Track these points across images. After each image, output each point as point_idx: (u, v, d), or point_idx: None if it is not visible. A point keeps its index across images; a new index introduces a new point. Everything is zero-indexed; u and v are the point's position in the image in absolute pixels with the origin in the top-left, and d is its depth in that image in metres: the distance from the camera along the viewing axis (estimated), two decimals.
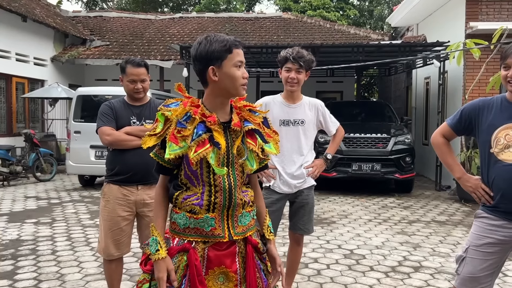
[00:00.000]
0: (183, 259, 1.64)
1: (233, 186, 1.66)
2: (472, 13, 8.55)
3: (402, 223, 6.12)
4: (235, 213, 1.68)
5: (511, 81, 2.16)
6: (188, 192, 1.68)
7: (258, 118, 1.75)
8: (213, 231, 1.65)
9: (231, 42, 1.65)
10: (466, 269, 2.26)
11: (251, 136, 1.71)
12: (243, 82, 1.68)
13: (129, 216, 2.97)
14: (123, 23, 15.68)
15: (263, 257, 1.79)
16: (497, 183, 2.19)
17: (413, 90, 12.61)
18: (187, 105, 1.66)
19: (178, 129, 1.62)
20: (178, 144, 1.61)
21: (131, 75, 2.93)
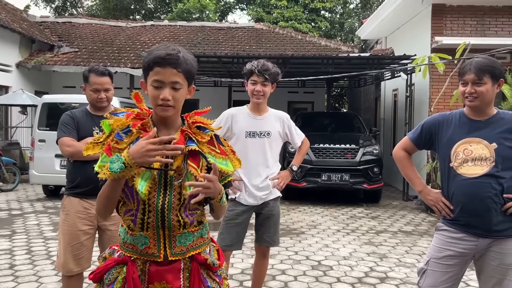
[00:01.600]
0: (122, 271, 1.60)
1: (166, 208, 1.58)
2: (437, 28, 8.83)
3: (370, 234, 6.19)
4: (172, 233, 1.61)
5: (468, 97, 2.22)
6: (125, 207, 1.63)
7: (206, 135, 1.64)
8: (147, 249, 1.60)
9: (153, 59, 1.54)
10: (427, 282, 2.29)
11: (194, 157, 1.59)
12: (160, 103, 1.54)
13: (90, 230, 2.88)
14: (92, 29, 15.42)
15: (216, 274, 1.71)
16: (457, 197, 2.24)
17: (382, 102, 12.88)
18: (130, 117, 1.59)
19: (115, 140, 1.56)
20: (111, 156, 1.52)
21: (94, 84, 2.86)
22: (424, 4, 8.96)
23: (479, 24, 8.86)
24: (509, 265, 2.19)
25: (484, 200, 2.16)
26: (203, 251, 1.69)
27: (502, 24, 8.85)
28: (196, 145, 1.59)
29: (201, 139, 1.63)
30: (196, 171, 1.56)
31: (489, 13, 8.83)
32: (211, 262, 1.68)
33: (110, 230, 2.91)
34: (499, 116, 2.25)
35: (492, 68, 2.20)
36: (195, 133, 1.63)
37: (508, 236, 2.19)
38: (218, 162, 1.63)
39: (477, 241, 2.21)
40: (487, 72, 2.18)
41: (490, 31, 8.83)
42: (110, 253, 1.70)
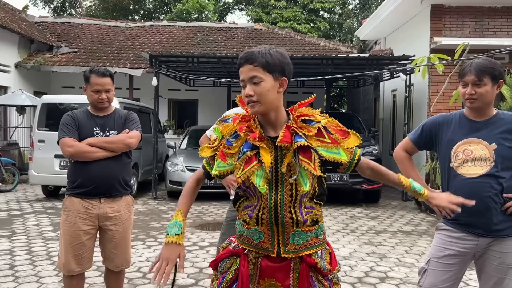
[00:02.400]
0: (235, 263, 1.69)
1: (279, 204, 1.61)
2: (436, 28, 8.86)
3: (369, 233, 6.20)
4: (286, 230, 1.64)
5: (469, 98, 2.23)
6: (247, 202, 1.70)
7: (313, 128, 1.62)
8: (261, 243, 1.66)
9: (238, 62, 1.64)
10: (428, 281, 2.30)
11: (305, 152, 1.58)
12: (246, 101, 1.62)
13: (91, 230, 2.89)
14: (92, 30, 15.41)
15: (327, 278, 1.68)
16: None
17: (381, 102, 12.90)
18: (236, 121, 1.66)
19: (226, 146, 1.64)
20: (225, 161, 1.63)
21: (95, 85, 2.87)
22: (423, 5, 8.98)
23: (478, 25, 8.89)
24: (510, 265, 2.20)
25: (484, 199, 2.17)
26: (314, 253, 1.67)
27: (501, 24, 8.88)
28: (304, 140, 1.58)
29: (308, 132, 1.62)
30: (309, 165, 1.57)
31: (488, 14, 8.85)
32: (321, 266, 1.66)
33: (111, 230, 2.92)
34: (498, 116, 2.27)
35: (492, 69, 2.21)
36: (301, 127, 1.62)
37: (508, 235, 2.20)
38: (330, 153, 1.63)
39: (478, 241, 2.23)
40: (487, 73, 2.19)
41: (489, 31, 8.86)
42: (227, 244, 1.79)
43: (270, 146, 1.61)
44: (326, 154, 1.62)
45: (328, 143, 1.63)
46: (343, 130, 1.69)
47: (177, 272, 1.70)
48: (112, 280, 3.08)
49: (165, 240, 1.67)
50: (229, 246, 1.76)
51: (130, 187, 3.04)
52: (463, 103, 2.30)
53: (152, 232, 6.04)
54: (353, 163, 1.73)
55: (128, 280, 4.11)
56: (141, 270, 4.43)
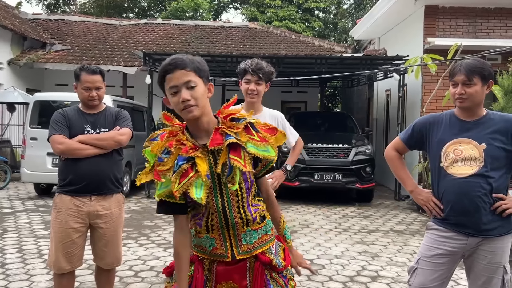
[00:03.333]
0: (190, 269, 1.68)
1: (227, 207, 1.62)
2: (430, 29, 8.89)
3: (362, 233, 6.22)
4: (237, 232, 1.64)
5: (459, 98, 2.25)
6: (194, 211, 1.68)
7: (241, 125, 1.64)
8: (214, 250, 1.65)
9: (162, 70, 1.57)
10: (417, 280, 2.31)
11: (235, 150, 1.59)
12: (182, 107, 1.56)
13: (82, 228, 2.87)
14: (85, 27, 15.32)
15: (282, 275, 1.70)
16: (447, 196, 2.26)
17: (375, 102, 12.94)
18: (164, 138, 1.62)
19: (158, 163, 1.59)
20: (160, 180, 1.57)
21: (85, 82, 2.85)
22: (417, 5, 9.02)
23: (471, 26, 8.93)
24: (498, 264, 2.22)
25: (474, 199, 2.19)
26: (268, 250, 1.69)
27: (494, 25, 8.93)
28: (233, 138, 1.59)
29: (236, 130, 1.62)
30: (238, 162, 1.57)
31: (481, 15, 8.90)
32: (276, 263, 1.68)
33: (101, 228, 2.91)
34: (488, 116, 2.28)
35: (481, 69, 2.22)
36: (230, 126, 1.63)
37: (497, 235, 2.21)
38: (259, 150, 1.63)
39: (467, 240, 2.24)
40: (476, 73, 2.21)
41: (481, 32, 8.91)
42: None
43: (205, 154, 1.59)
44: (255, 151, 1.62)
45: (257, 140, 1.64)
46: (271, 127, 1.71)
47: None
48: (103, 278, 3.07)
49: None
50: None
51: (121, 184, 3.03)
52: (453, 103, 2.31)
53: (145, 231, 6.02)
54: (267, 167, 1.72)
55: (120, 278, 4.09)
56: (133, 269, 4.42)
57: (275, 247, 1.74)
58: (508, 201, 2.20)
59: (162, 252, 5.02)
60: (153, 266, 4.51)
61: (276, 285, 1.68)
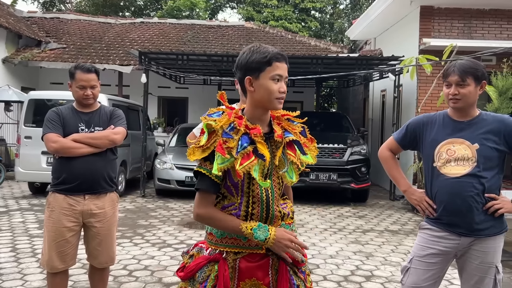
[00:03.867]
0: (214, 269, 1.65)
1: (270, 198, 1.65)
2: (425, 29, 8.92)
3: (357, 232, 6.24)
4: (274, 225, 1.67)
5: (452, 98, 2.26)
6: (226, 202, 1.67)
7: (297, 127, 1.75)
8: (250, 242, 1.65)
9: (272, 55, 1.63)
10: (410, 279, 2.32)
11: (291, 147, 1.70)
12: (279, 96, 1.65)
13: (75, 227, 2.86)
14: (81, 26, 15.27)
15: (301, 270, 1.75)
16: (440, 196, 2.27)
17: (370, 102, 12.97)
18: (232, 115, 1.65)
19: (223, 139, 1.59)
20: (225, 155, 1.56)
21: (80, 81, 2.84)
22: (412, 6, 9.05)
23: (466, 27, 8.97)
24: (490, 264, 2.23)
25: (466, 199, 2.20)
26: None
27: (489, 27, 8.98)
28: (293, 136, 1.70)
29: (292, 130, 1.73)
30: (294, 158, 1.68)
31: (476, 16, 8.94)
32: (300, 259, 1.72)
33: (95, 227, 2.90)
34: (481, 117, 2.29)
35: (475, 70, 2.23)
36: (287, 124, 1.74)
37: (489, 235, 2.23)
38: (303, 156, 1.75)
39: (459, 240, 2.25)
40: (470, 74, 2.22)
41: (476, 33, 8.95)
42: (198, 251, 1.75)
43: (264, 142, 1.66)
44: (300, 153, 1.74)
45: (303, 143, 1.76)
46: (311, 138, 1.82)
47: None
48: (97, 277, 3.06)
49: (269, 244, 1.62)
50: (200, 253, 1.72)
51: (115, 183, 3.02)
52: (447, 103, 2.32)
53: (139, 230, 6.01)
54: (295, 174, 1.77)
55: (114, 277, 4.08)
56: (127, 268, 4.41)
57: None
58: (500, 201, 2.21)
59: (156, 252, 5.01)
60: (147, 266, 4.50)
61: (298, 279, 1.72)
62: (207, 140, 1.60)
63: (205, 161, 1.62)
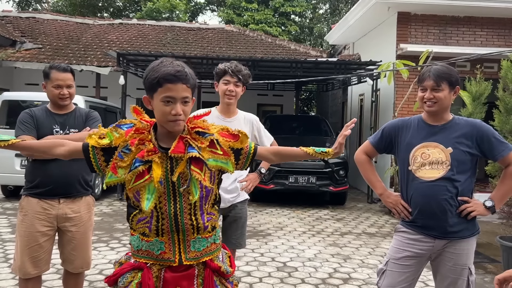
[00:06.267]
0: (137, 276, 1.65)
1: (179, 213, 1.63)
2: (402, 35, 9.09)
3: (335, 235, 6.28)
4: (187, 238, 1.65)
5: (427, 102, 2.30)
6: (141, 214, 1.66)
7: (206, 140, 1.66)
8: (162, 254, 1.64)
9: (162, 75, 1.57)
10: (386, 282, 2.35)
11: (197, 162, 1.63)
12: (172, 119, 1.59)
13: (49, 232, 2.80)
14: (58, 26, 14.97)
15: (228, 281, 1.75)
16: (415, 199, 2.31)
17: (349, 106, 13.12)
18: (129, 134, 1.64)
19: (118, 159, 1.63)
20: (116, 174, 1.62)
21: (56, 80, 2.79)
22: (390, 12, 9.21)
23: (442, 33, 9.18)
24: (463, 265, 2.27)
25: (440, 202, 2.24)
26: (216, 258, 1.72)
27: (463, 33, 9.20)
28: (196, 152, 1.62)
29: (200, 144, 1.65)
30: (199, 175, 1.61)
31: (451, 23, 9.16)
32: (224, 270, 1.72)
33: (70, 231, 2.84)
34: (454, 121, 2.34)
35: (449, 75, 2.28)
36: (195, 138, 1.66)
37: (462, 237, 2.27)
38: (219, 162, 1.69)
39: (434, 242, 2.29)
40: (444, 79, 2.27)
41: (451, 40, 9.17)
42: (126, 259, 1.74)
43: (164, 158, 1.63)
44: (214, 164, 1.68)
45: (219, 154, 1.69)
46: (233, 134, 1.76)
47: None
48: (71, 282, 2.99)
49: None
50: (128, 260, 1.72)
51: (90, 187, 2.96)
52: (421, 107, 2.37)
53: (116, 234, 5.91)
54: (249, 157, 1.79)
55: (89, 283, 4.01)
56: (103, 273, 4.33)
57: (222, 255, 1.78)
58: (473, 204, 2.26)
59: None
60: None
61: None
62: (107, 143, 1.67)
63: (100, 150, 1.69)
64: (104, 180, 1.66)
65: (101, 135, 1.69)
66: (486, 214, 2.29)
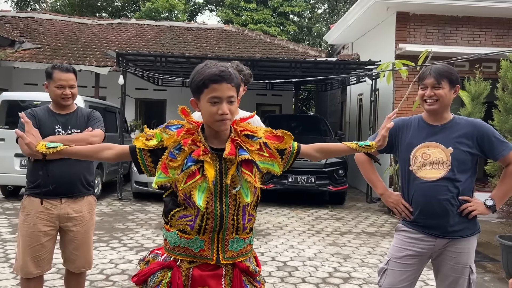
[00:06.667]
0: (167, 275, 1.66)
1: (224, 214, 1.64)
2: (401, 35, 9.11)
3: (334, 235, 6.30)
4: (226, 237, 1.67)
5: (428, 100, 2.31)
6: (185, 212, 1.67)
7: (255, 143, 1.69)
8: (201, 252, 1.66)
9: (207, 77, 1.59)
10: (387, 281, 2.36)
11: (247, 165, 1.65)
12: (218, 119, 1.61)
13: (51, 231, 2.80)
14: (56, 26, 14.96)
15: (256, 280, 1.76)
16: (416, 199, 2.32)
17: (347, 106, 13.14)
18: (181, 134, 1.66)
19: (169, 158, 1.64)
20: (167, 174, 1.63)
21: (59, 80, 2.79)
22: (389, 12, 9.22)
23: (441, 33, 9.20)
24: (464, 264, 2.29)
25: (442, 202, 2.25)
26: (245, 260, 1.73)
27: (462, 33, 9.22)
28: (248, 154, 1.65)
29: (250, 147, 1.68)
30: (251, 177, 1.64)
31: (450, 23, 9.18)
32: (253, 269, 1.73)
33: (72, 231, 2.84)
34: (454, 121, 2.36)
35: (449, 74, 2.30)
36: (244, 141, 1.68)
37: (463, 236, 2.29)
38: (266, 164, 1.71)
39: (435, 241, 2.30)
40: (445, 77, 2.28)
41: (450, 39, 9.18)
42: (153, 257, 1.75)
43: (214, 159, 1.65)
44: (262, 166, 1.70)
45: (266, 156, 1.71)
46: (278, 135, 1.78)
47: None
48: (73, 282, 3.00)
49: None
50: (156, 259, 1.73)
51: (92, 187, 2.97)
52: (421, 105, 2.37)
53: (116, 234, 5.92)
54: (292, 156, 1.81)
55: (90, 282, 4.01)
56: (103, 272, 4.33)
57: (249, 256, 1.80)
58: (474, 203, 2.28)
59: (134, 256, 4.95)
60: (124, 270, 4.44)
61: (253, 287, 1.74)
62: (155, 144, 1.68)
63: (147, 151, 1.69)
64: (154, 180, 1.65)
65: (148, 137, 1.70)
66: (487, 213, 2.30)
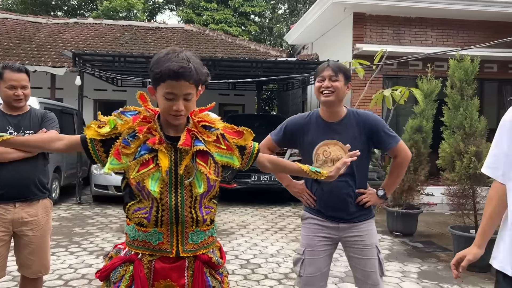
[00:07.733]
0: (128, 269, 1.64)
1: (179, 205, 1.62)
2: (358, 35, 9.36)
3: (297, 231, 6.40)
4: (185, 230, 1.65)
5: (325, 91, 2.42)
6: (140, 204, 1.65)
7: (212, 135, 1.68)
8: (160, 245, 1.64)
9: (165, 71, 1.53)
10: (308, 270, 2.48)
11: (203, 156, 1.63)
12: (173, 113, 1.59)
13: (5, 237, 2.72)
14: (8, 25, 14.37)
15: (218, 272, 1.75)
16: (319, 194, 2.51)
17: (308, 105, 13.36)
18: (136, 121, 1.63)
19: (122, 145, 1.60)
20: (120, 161, 1.59)
21: (10, 80, 2.71)
22: (346, 13, 9.45)
23: (395, 33, 9.52)
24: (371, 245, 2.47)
25: (344, 196, 2.44)
26: (208, 252, 1.72)
27: (415, 34, 9.59)
28: (203, 145, 1.63)
29: (207, 138, 1.66)
30: (205, 168, 1.62)
31: (404, 23, 9.52)
32: (215, 261, 1.72)
33: (27, 236, 2.76)
34: (349, 116, 2.49)
35: (345, 69, 2.48)
36: (201, 132, 1.67)
37: (361, 220, 2.48)
38: (224, 157, 1.70)
39: (338, 226, 2.48)
40: (341, 71, 2.44)
41: (404, 40, 9.52)
42: (116, 252, 1.72)
43: (169, 149, 1.63)
44: (220, 159, 1.70)
45: (223, 149, 1.71)
46: (238, 130, 1.78)
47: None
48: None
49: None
50: (118, 254, 1.72)
51: (48, 189, 2.90)
52: (317, 98, 2.49)
53: (76, 238, 5.77)
54: (252, 156, 1.82)
55: None
56: (62, 278, 4.23)
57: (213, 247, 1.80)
58: (367, 194, 2.49)
59: (94, 260, 4.85)
60: (84, 274, 4.35)
61: (215, 281, 1.74)
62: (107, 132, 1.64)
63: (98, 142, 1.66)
64: (106, 166, 1.61)
65: (100, 124, 1.66)
66: (380, 202, 2.56)
